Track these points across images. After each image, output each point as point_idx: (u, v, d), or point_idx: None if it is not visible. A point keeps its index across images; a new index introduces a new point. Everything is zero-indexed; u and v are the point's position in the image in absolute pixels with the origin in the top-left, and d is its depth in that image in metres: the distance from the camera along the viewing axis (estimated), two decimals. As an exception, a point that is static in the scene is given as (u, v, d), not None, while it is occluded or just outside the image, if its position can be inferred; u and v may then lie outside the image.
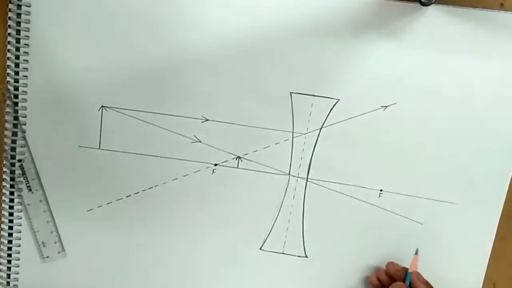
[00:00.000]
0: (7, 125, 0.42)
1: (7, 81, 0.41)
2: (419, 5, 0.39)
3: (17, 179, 0.43)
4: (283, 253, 0.45)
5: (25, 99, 0.41)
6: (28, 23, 0.40)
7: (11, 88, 0.41)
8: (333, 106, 0.42)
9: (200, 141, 0.43)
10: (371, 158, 0.43)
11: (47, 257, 0.45)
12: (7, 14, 0.40)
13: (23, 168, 0.43)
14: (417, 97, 0.41)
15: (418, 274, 0.41)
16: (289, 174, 0.43)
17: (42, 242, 0.45)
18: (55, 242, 0.45)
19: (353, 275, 0.45)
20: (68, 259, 0.46)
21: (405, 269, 0.42)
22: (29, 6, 0.40)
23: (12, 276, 0.45)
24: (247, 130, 0.43)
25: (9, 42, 0.40)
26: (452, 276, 0.44)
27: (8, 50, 0.41)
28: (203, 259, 0.46)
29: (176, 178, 0.44)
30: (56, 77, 0.42)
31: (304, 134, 0.43)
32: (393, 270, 0.42)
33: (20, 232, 0.44)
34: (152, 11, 0.40)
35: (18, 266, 0.45)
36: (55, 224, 0.45)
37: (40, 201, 0.44)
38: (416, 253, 0.42)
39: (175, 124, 0.43)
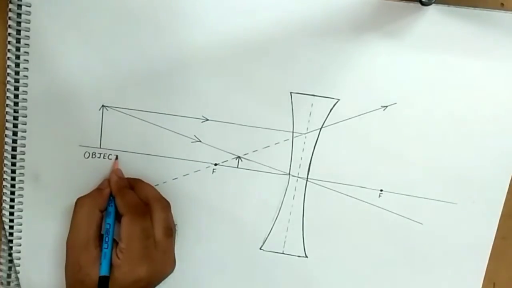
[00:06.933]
0: (7, 125, 0.42)
1: (7, 81, 0.41)
2: (419, 5, 0.39)
3: (17, 179, 0.43)
4: (283, 253, 0.45)
5: (25, 99, 0.42)
6: (28, 23, 0.40)
7: (11, 88, 0.41)
8: (333, 106, 0.42)
9: (200, 141, 0.43)
10: (371, 158, 0.43)
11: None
12: (7, 14, 0.40)
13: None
14: (417, 97, 0.41)
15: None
16: (289, 174, 0.43)
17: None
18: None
19: (353, 275, 0.45)
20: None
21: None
22: (29, 6, 0.40)
23: (12, 276, 0.45)
24: (247, 130, 0.43)
25: (9, 42, 0.40)
26: (452, 276, 0.44)
27: (8, 50, 0.41)
28: (202, 259, 0.46)
29: (176, 178, 0.44)
30: (56, 77, 0.42)
31: (304, 134, 0.43)
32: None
33: (20, 232, 0.44)
34: (153, 11, 0.40)
35: (19, 266, 0.45)
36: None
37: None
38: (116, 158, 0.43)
39: (175, 123, 0.43)
